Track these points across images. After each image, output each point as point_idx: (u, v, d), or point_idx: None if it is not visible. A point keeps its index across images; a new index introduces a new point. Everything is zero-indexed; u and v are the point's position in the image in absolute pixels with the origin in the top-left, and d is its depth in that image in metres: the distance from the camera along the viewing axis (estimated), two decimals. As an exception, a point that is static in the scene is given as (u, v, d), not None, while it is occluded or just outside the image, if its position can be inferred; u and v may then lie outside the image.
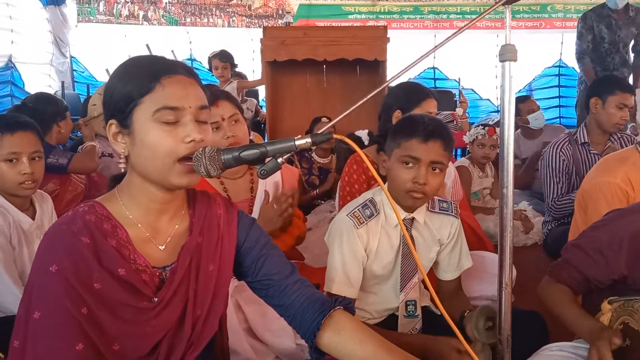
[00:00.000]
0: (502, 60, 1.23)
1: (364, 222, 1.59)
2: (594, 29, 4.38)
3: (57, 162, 2.74)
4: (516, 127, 4.53)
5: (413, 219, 1.65)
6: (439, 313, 1.12)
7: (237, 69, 5.15)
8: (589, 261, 1.51)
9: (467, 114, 4.96)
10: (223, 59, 4.81)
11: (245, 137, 1.85)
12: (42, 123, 2.60)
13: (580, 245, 1.57)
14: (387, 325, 1.69)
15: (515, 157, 4.21)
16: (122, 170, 1.10)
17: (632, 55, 4.55)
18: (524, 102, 4.28)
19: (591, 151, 2.93)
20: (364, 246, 1.59)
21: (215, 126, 1.77)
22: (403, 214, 1.63)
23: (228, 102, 1.82)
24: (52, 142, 2.91)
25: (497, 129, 3.55)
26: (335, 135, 1.07)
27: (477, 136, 3.47)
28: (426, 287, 1.64)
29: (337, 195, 2.41)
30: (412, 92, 2.30)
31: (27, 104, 2.98)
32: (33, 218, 1.92)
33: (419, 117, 1.66)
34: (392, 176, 1.59)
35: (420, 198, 1.56)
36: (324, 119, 3.61)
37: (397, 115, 2.26)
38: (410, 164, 1.54)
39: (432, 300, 1.73)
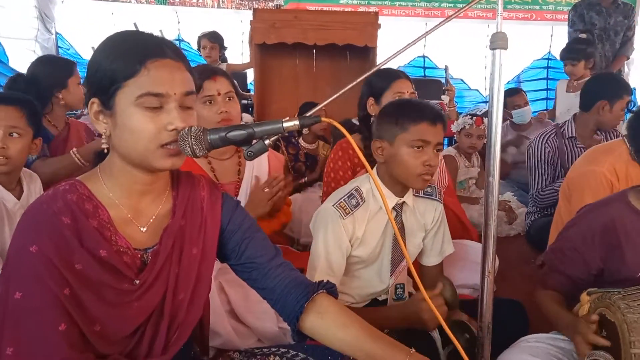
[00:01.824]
0: (492, 48, 1.23)
1: (350, 212, 1.58)
2: (584, 16, 4.45)
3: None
4: (504, 119, 4.55)
5: (403, 202, 1.65)
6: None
7: (225, 52, 5.09)
8: (567, 261, 1.54)
9: (455, 103, 4.94)
10: (212, 39, 4.76)
11: (238, 115, 1.85)
12: (39, 96, 2.40)
13: (557, 248, 1.60)
14: (371, 311, 1.70)
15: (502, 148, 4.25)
16: (105, 150, 1.08)
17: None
18: (513, 96, 4.28)
19: (577, 145, 2.95)
20: (349, 237, 1.60)
21: (209, 99, 1.78)
22: (394, 199, 1.63)
23: (225, 78, 1.84)
24: (55, 115, 2.65)
25: (485, 119, 3.56)
26: (323, 119, 1.06)
27: (464, 126, 3.47)
28: (410, 274, 1.66)
29: (323, 181, 2.40)
30: (380, 77, 2.26)
31: (24, 74, 2.70)
32: (19, 198, 1.87)
33: (418, 102, 1.68)
34: (400, 161, 1.57)
35: (429, 179, 1.59)
36: None
37: (370, 102, 2.25)
38: (421, 148, 1.55)
39: (414, 286, 1.75)
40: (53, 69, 2.71)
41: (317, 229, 1.62)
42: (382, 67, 2.33)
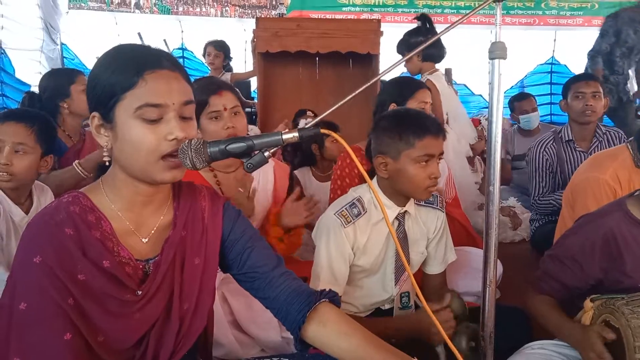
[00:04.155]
0: (491, 58, 1.23)
1: (351, 221, 1.59)
2: (621, 32, 4.29)
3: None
4: (512, 123, 4.53)
5: (406, 211, 1.65)
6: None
7: (230, 63, 5.12)
8: (565, 270, 1.53)
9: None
10: (218, 47, 4.80)
11: (244, 130, 1.85)
12: (44, 109, 2.39)
13: (555, 255, 1.59)
14: (374, 320, 1.70)
15: (508, 152, 4.22)
16: (107, 163, 1.09)
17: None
18: (521, 101, 4.26)
19: (576, 148, 2.95)
20: (351, 244, 1.60)
21: (215, 115, 1.77)
22: (396, 209, 1.63)
23: (231, 93, 1.83)
24: (69, 126, 2.64)
25: (482, 120, 3.56)
26: (322, 130, 1.07)
27: (464, 130, 3.46)
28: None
29: (329, 188, 2.41)
30: (404, 85, 2.33)
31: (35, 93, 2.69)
32: (28, 211, 1.85)
33: (417, 114, 1.67)
34: (407, 176, 1.57)
35: (434, 190, 1.59)
36: (309, 113, 3.57)
37: (392, 108, 2.27)
38: (426, 161, 1.55)
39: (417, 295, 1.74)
40: (54, 79, 2.68)
41: (319, 238, 1.62)
42: (403, 76, 2.37)
